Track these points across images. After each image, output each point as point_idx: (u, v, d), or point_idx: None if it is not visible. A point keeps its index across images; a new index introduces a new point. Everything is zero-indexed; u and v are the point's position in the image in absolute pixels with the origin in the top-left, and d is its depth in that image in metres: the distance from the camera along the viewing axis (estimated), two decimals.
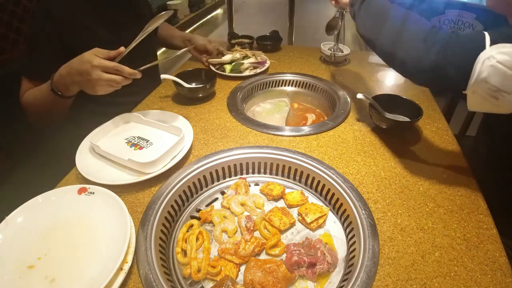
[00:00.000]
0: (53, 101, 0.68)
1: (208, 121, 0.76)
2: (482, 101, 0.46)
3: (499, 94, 0.44)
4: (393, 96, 0.77)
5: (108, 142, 0.66)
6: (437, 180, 0.60)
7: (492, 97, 0.45)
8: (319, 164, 0.61)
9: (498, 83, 0.43)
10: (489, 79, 0.44)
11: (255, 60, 1.01)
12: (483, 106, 0.47)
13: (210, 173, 0.63)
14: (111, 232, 0.48)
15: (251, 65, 1.00)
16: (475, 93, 0.47)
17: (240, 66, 0.98)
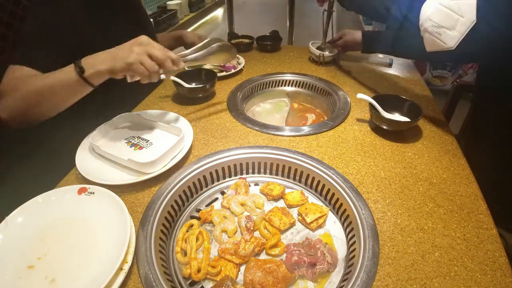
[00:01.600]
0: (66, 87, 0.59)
1: (208, 121, 0.76)
2: (432, 39, 0.60)
3: (441, 30, 0.58)
4: (393, 96, 0.77)
5: (108, 142, 0.66)
6: (437, 180, 0.60)
7: (436, 33, 0.58)
8: (319, 164, 0.61)
9: (439, 20, 0.57)
10: (432, 17, 0.58)
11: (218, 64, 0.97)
12: (434, 44, 0.60)
13: (210, 173, 0.63)
14: (111, 232, 0.48)
15: (216, 68, 0.99)
16: (425, 32, 0.61)
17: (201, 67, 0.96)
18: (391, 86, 0.96)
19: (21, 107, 0.59)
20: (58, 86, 0.59)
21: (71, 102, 0.63)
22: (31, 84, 0.59)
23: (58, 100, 0.61)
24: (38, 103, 0.60)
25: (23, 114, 0.60)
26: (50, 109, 0.63)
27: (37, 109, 0.61)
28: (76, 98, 0.63)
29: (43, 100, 0.60)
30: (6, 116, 0.58)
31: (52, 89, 0.59)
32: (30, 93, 0.59)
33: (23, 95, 0.59)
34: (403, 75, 1.02)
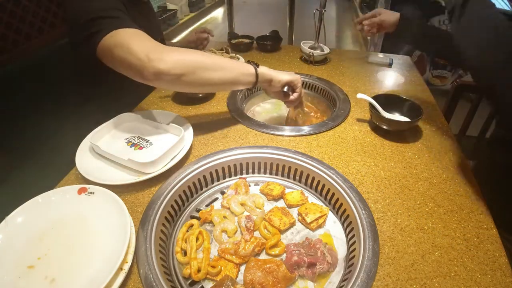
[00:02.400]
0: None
1: (208, 121, 0.76)
2: None
3: None
4: (393, 96, 0.77)
5: (108, 142, 0.66)
6: (437, 180, 0.60)
7: None
8: (319, 164, 0.61)
9: None
10: None
11: None
12: None
13: (210, 173, 0.63)
14: (111, 232, 0.48)
15: None
16: None
17: None
18: (391, 86, 0.96)
19: (187, 64, 0.58)
20: (229, 66, 0.63)
21: (226, 87, 0.70)
22: (200, 54, 0.61)
23: (223, 78, 0.62)
24: (205, 69, 0.60)
25: (184, 71, 0.58)
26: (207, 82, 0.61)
27: (201, 74, 0.60)
28: (232, 86, 0.69)
29: (212, 70, 0.61)
30: (167, 66, 0.56)
31: (224, 66, 0.62)
32: (201, 57, 0.60)
33: (193, 55, 0.59)
34: (403, 75, 1.02)
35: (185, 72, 0.57)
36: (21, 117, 0.78)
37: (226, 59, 0.65)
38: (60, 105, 0.86)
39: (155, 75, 0.55)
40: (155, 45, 0.58)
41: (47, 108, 0.84)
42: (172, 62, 0.56)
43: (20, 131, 0.81)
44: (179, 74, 0.57)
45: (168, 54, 0.57)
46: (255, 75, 0.66)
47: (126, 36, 0.58)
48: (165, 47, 0.58)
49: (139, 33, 0.60)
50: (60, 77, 0.87)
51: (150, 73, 0.55)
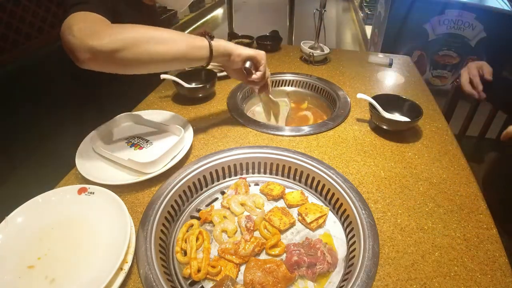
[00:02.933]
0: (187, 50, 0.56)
1: (208, 121, 0.76)
2: None
3: None
4: (393, 96, 0.77)
5: (108, 142, 0.66)
6: (437, 180, 0.60)
7: None
8: (319, 164, 0.61)
9: None
10: None
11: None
12: None
13: (210, 173, 0.63)
14: (111, 232, 0.48)
15: (216, 67, 0.96)
16: None
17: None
18: (391, 86, 0.96)
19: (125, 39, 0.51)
20: (180, 40, 0.56)
21: (175, 65, 0.58)
22: (143, 28, 0.54)
23: (169, 53, 0.55)
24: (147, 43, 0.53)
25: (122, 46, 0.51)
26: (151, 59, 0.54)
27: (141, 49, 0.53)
28: (183, 63, 0.59)
29: (156, 43, 0.54)
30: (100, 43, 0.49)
31: (174, 39, 0.55)
32: (145, 30, 0.54)
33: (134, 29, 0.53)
34: (403, 75, 1.02)
35: (122, 46, 0.50)
36: (21, 117, 0.78)
37: (176, 31, 0.58)
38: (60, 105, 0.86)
39: (88, 53, 0.49)
40: (99, 23, 0.53)
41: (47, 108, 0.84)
42: (107, 37, 0.50)
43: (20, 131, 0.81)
44: (115, 49, 0.50)
45: (106, 29, 0.51)
46: (208, 48, 0.58)
47: (78, 16, 0.54)
48: (109, 25, 0.53)
49: (92, 16, 0.55)
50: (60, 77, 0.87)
51: (82, 52, 0.49)
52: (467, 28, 2.23)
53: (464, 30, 2.24)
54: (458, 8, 2.18)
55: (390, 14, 2.28)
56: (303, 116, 0.92)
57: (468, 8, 2.17)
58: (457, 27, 2.24)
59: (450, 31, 2.28)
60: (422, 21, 2.28)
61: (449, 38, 2.30)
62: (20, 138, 0.78)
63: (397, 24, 2.29)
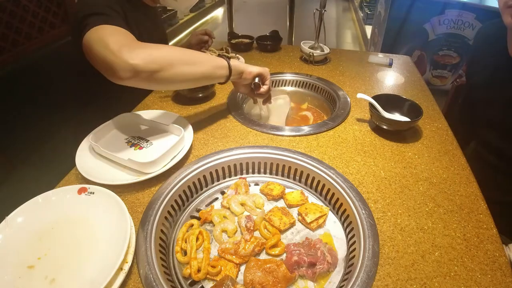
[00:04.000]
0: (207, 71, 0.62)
1: (208, 121, 0.76)
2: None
3: None
4: (393, 96, 0.77)
5: (108, 142, 0.66)
6: (437, 180, 0.60)
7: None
8: (319, 164, 0.61)
9: None
10: None
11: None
12: None
13: (210, 173, 0.63)
14: (111, 232, 0.48)
15: None
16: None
17: None
18: (391, 86, 0.96)
19: (161, 60, 0.55)
20: (205, 61, 0.62)
21: (200, 83, 0.65)
22: (173, 49, 0.59)
23: (196, 73, 0.61)
24: (179, 65, 0.57)
25: (158, 67, 0.54)
26: (181, 78, 0.59)
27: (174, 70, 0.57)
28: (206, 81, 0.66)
29: (186, 65, 0.58)
30: (140, 62, 0.52)
31: (199, 61, 0.61)
32: (172, 55, 0.57)
33: (166, 51, 0.57)
34: (403, 75, 1.02)
35: (161, 67, 0.54)
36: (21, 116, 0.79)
37: (198, 52, 0.64)
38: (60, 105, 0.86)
39: (130, 71, 0.52)
40: (132, 41, 0.56)
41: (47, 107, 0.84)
42: (147, 58, 0.53)
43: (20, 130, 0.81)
44: (155, 70, 0.54)
45: (143, 49, 0.54)
46: (228, 68, 0.66)
47: (107, 31, 0.57)
48: (141, 43, 0.56)
49: (121, 30, 0.58)
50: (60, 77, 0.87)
51: (124, 70, 0.51)
52: (467, 28, 2.23)
53: (464, 30, 2.24)
54: (458, 8, 2.18)
55: (390, 14, 2.28)
56: (303, 116, 0.92)
57: (468, 8, 2.17)
58: (457, 27, 2.24)
59: (450, 31, 2.28)
60: (422, 21, 2.28)
61: (449, 38, 2.30)
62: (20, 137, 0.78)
63: (397, 24, 2.29)
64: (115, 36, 0.55)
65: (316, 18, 1.04)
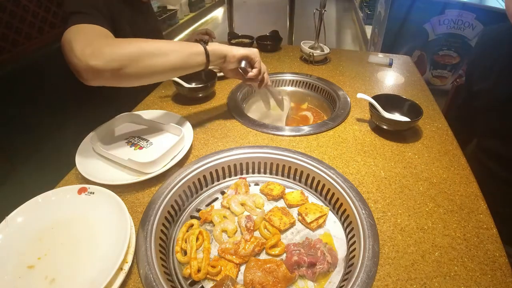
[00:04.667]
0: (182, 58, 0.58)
1: (208, 121, 0.76)
2: None
3: None
4: (393, 96, 0.77)
5: (108, 142, 0.66)
6: (437, 180, 0.60)
7: None
8: (319, 164, 0.61)
9: None
10: None
11: None
12: None
13: (210, 173, 0.63)
14: (111, 232, 0.48)
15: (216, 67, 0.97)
16: None
17: None
18: (391, 86, 0.96)
19: (124, 57, 0.53)
20: (176, 50, 0.58)
21: (174, 74, 0.62)
22: (141, 41, 0.56)
23: (167, 65, 0.57)
24: (145, 58, 0.55)
25: (121, 65, 0.53)
26: (150, 72, 0.56)
27: (140, 65, 0.54)
28: (181, 71, 0.61)
29: (153, 57, 0.55)
30: (101, 62, 0.51)
31: (170, 50, 0.57)
32: (140, 45, 0.55)
33: (130, 46, 0.54)
34: (403, 75, 1.02)
35: (124, 64, 0.52)
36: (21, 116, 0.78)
37: (171, 42, 0.60)
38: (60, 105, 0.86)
39: (91, 73, 0.51)
40: (101, 40, 0.54)
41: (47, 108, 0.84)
42: (108, 56, 0.51)
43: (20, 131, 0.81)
44: (117, 67, 0.52)
45: (108, 47, 0.52)
46: (204, 53, 0.61)
47: (76, 31, 0.55)
48: (111, 41, 0.54)
49: (95, 29, 0.57)
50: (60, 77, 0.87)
51: (85, 71, 0.51)
52: (467, 28, 2.23)
53: (464, 30, 2.24)
54: (458, 8, 2.18)
55: (390, 14, 2.28)
56: (303, 116, 0.92)
57: (468, 8, 2.17)
58: (457, 27, 2.24)
59: (450, 31, 2.28)
60: (422, 21, 2.28)
61: (449, 38, 2.30)
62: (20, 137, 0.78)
63: (397, 24, 2.29)
64: (83, 37, 0.54)
65: (316, 18, 1.04)
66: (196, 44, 0.61)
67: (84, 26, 0.58)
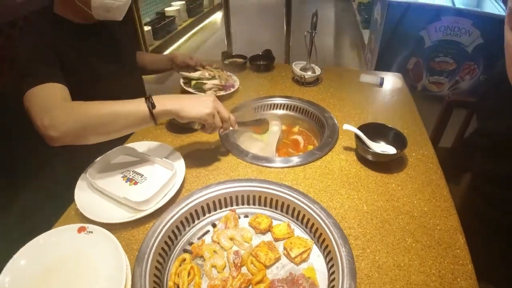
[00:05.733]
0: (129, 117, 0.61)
1: (200, 151, 0.79)
2: None
3: None
4: (379, 125, 0.80)
5: (105, 177, 0.70)
6: (418, 213, 0.63)
7: None
8: (304, 198, 0.64)
9: None
10: None
11: (219, 82, 1.03)
12: None
13: (201, 207, 0.66)
14: (109, 270, 0.51)
15: (215, 87, 1.02)
16: None
17: (202, 85, 1.01)
18: (380, 109, 0.98)
19: (78, 128, 0.60)
20: (123, 115, 0.61)
21: (127, 132, 0.66)
22: (93, 107, 0.61)
23: (117, 128, 0.62)
24: (97, 127, 0.61)
25: (76, 134, 0.60)
26: (105, 135, 0.63)
27: (94, 132, 0.61)
28: (133, 129, 0.66)
29: (103, 125, 0.61)
30: (59, 134, 0.59)
31: (117, 116, 0.61)
32: (91, 115, 0.60)
33: (82, 116, 0.60)
34: (394, 95, 1.05)
35: (79, 134, 0.60)
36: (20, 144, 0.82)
37: (120, 104, 0.62)
38: None
39: (54, 141, 0.60)
40: (50, 107, 0.61)
41: None
42: (63, 128, 0.59)
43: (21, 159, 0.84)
44: (74, 136, 0.60)
45: (59, 118, 0.59)
46: (150, 117, 0.62)
47: (32, 99, 0.64)
48: (58, 107, 0.61)
49: (46, 94, 0.64)
50: None
51: (49, 140, 0.60)
52: (464, 34, 2.22)
53: (460, 36, 2.24)
54: (454, 15, 2.17)
55: (386, 21, 2.28)
56: (294, 141, 0.95)
57: (465, 14, 2.17)
58: (454, 33, 2.24)
59: (446, 38, 2.28)
60: (418, 28, 2.28)
61: (445, 45, 2.30)
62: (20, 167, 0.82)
63: (393, 31, 2.29)
64: (39, 106, 0.62)
65: (308, 40, 1.07)
66: (143, 105, 0.61)
67: (38, 91, 0.65)
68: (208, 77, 1.03)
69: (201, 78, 1.02)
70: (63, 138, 0.60)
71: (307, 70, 1.10)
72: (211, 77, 1.03)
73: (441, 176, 0.72)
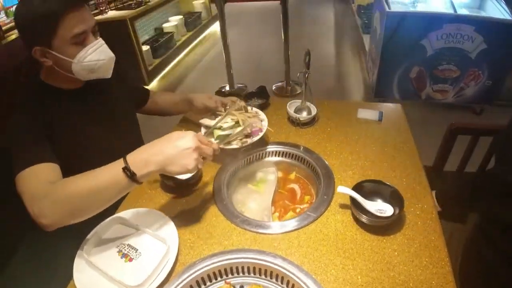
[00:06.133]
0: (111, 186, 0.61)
1: (194, 216, 0.79)
2: None
3: None
4: (376, 182, 0.77)
5: (101, 253, 0.70)
6: (413, 283, 0.61)
7: None
8: (298, 272, 0.64)
9: None
10: None
11: (243, 129, 0.91)
12: None
13: (196, 281, 0.66)
14: None
15: (240, 135, 0.91)
16: None
17: (225, 138, 0.90)
18: (379, 151, 0.95)
19: (66, 214, 0.62)
20: (104, 187, 0.61)
21: (115, 200, 0.65)
22: (73, 187, 0.61)
23: (103, 203, 0.63)
24: (83, 209, 0.62)
25: (67, 220, 0.62)
26: (96, 209, 0.64)
27: (82, 213, 0.63)
28: (120, 197, 0.65)
29: (88, 205, 0.62)
30: (50, 222, 0.61)
31: (99, 190, 0.61)
32: (73, 197, 0.61)
33: (65, 202, 0.61)
34: (393, 132, 1.03)
35: (68, 219, 0.63)
36: None
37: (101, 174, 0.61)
38: None
39: (47, 228, 0.62)
40: (38, 196, 0.62)
41: None
42: (52, 216, 0.61)
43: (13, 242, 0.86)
44: (65, 221, 0.63)
45: (47, 208, 0.61)
46: (132, 183, 0.61)
47: (23, 183, 0.66)
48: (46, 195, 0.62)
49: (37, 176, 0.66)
50: None
51: (43, 227, 0.62)
52: (467, 41, 2.16)
53: (463, 43, 2.18)
54: (456, 22, 2.11)
55: (385, 31, 2.24)
56: (291, 190, 0.94)
57: (467, 20, 2.11)
58: (456, 40, 2.18)
59: (448, 45, 2.22)
60: (419, 37, 2.23)
61: (448, 52, 2.24)
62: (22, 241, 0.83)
63: (393, 41, 2.24)
64: (29, 192, 0.64)
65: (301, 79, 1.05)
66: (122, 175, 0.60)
67: (27, 174, 0.67)
68: (231, 124, 0.93)
69: (222, 127, 0.92)
70: (55, 225, 0.63)
71: (302, 110, 1.08)
72: (234, 123, 0.93)
73: (440, 235, 0.70)
